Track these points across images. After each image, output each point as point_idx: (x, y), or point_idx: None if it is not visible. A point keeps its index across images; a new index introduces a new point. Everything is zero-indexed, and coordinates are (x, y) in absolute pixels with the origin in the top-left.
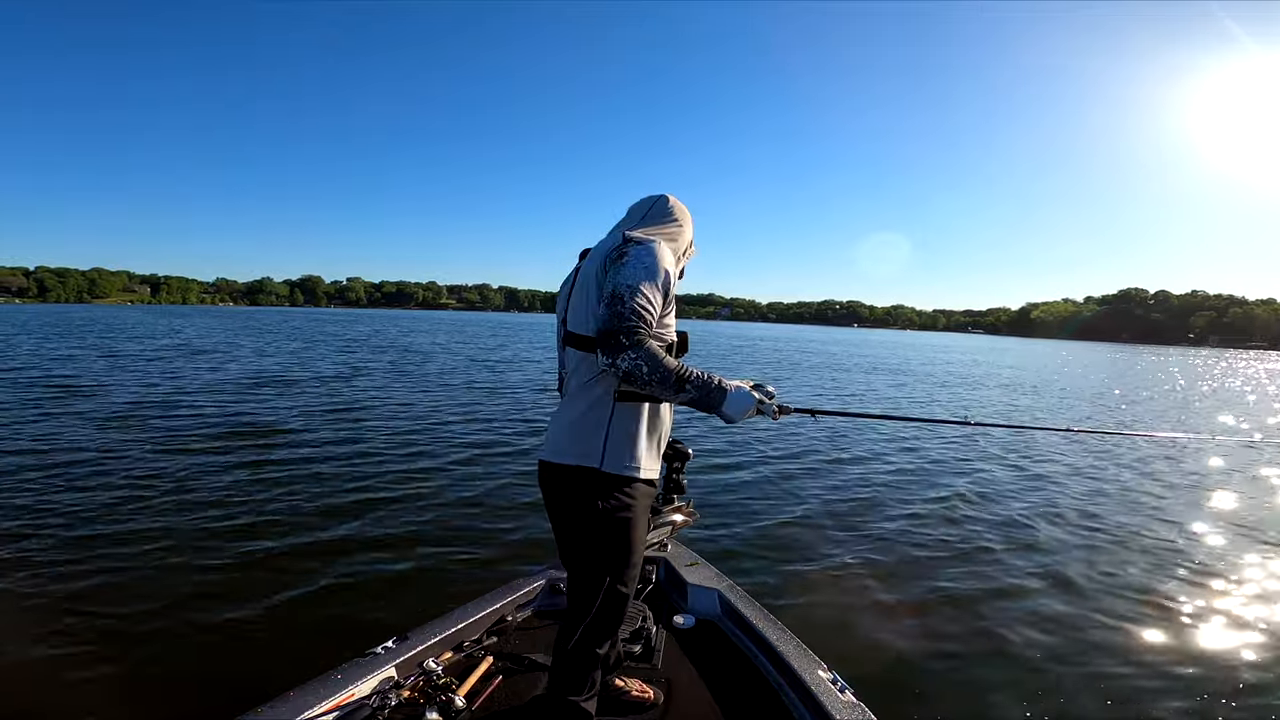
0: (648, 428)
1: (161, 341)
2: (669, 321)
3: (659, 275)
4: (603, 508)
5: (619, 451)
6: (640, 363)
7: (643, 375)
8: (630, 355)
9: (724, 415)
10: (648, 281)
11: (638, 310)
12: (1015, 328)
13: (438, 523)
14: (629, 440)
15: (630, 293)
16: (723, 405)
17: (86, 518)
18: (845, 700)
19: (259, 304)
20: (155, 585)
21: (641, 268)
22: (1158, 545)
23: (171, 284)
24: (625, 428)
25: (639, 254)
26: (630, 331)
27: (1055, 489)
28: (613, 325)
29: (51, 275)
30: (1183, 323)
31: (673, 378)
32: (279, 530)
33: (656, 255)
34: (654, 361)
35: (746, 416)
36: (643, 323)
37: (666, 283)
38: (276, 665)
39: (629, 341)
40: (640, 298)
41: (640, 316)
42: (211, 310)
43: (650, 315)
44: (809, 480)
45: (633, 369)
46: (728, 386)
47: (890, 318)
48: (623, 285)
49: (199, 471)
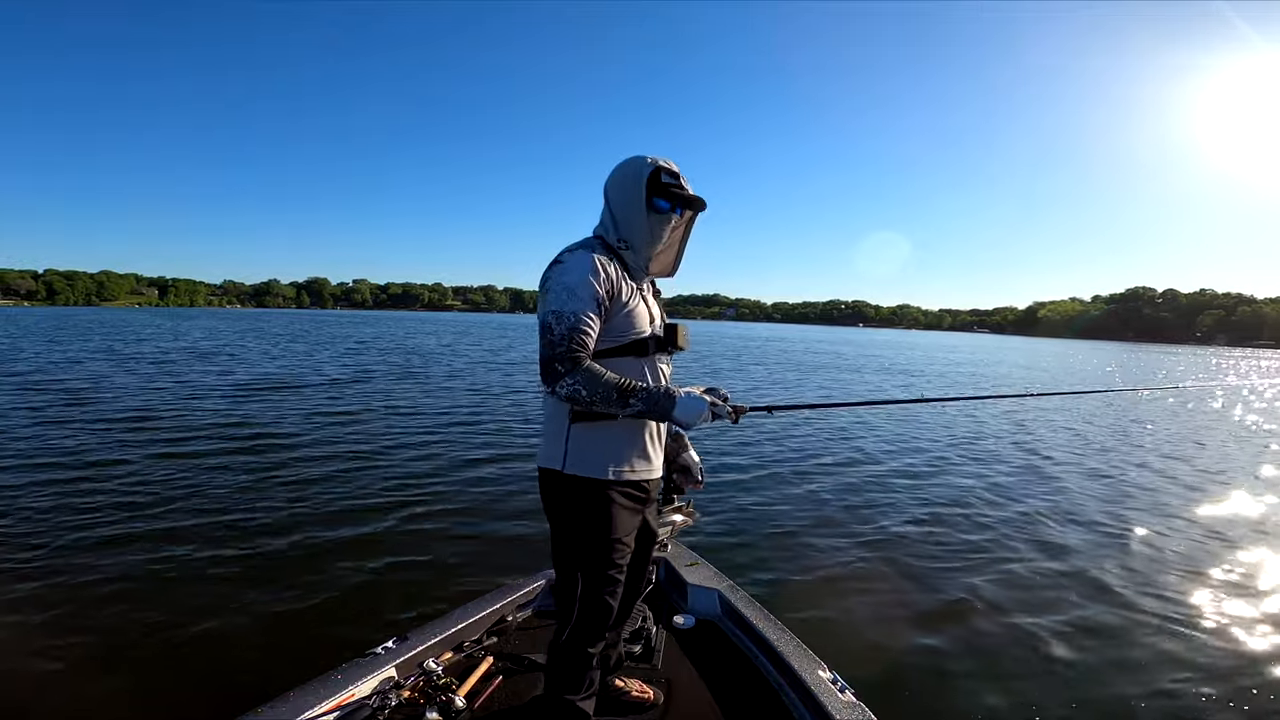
0: (623, 430)
1: (166, 344)
2: (630, 322)
3: (582, 288)
4: (565, 509)
5: (581, 454)
6: (578, 387)
7: (583, 398)
8: (567, 382)
9: (677, 422)
10: (572, 302)
11: (566, 335)
12: (1022, 327)
13: (438, 523)
14: (593, 443)
15: (556, 319)
16: (673, 412)
17: (87, 518)
18: (845, 700)
19: (266, 306)
20: (155, 586)
21: (562, 290)
22: (1164, 545)
23: (179, 286)
24: (588, 431)
25: (557, 275)
26: (563, 358)
27: (1057, 489)
28: (546, 354)
29: (60, 278)
30: (1190, 321)
31: (614, 394)
32: (279, 531)
33: (574, 269)
34: (592, 383)
35: (703, 420)
36: (575, 346)
37: (592, 291)
38: (276, 665)
39: (564, 368)
40: (565, 323)
41: (571, 340)
42: (219, 312)
43: (583, 334)
44: (809, 480)
45: (572, 393)
46: (676, 394)
47: (896, 317)
48: (548, 314)
49: (200, 472)
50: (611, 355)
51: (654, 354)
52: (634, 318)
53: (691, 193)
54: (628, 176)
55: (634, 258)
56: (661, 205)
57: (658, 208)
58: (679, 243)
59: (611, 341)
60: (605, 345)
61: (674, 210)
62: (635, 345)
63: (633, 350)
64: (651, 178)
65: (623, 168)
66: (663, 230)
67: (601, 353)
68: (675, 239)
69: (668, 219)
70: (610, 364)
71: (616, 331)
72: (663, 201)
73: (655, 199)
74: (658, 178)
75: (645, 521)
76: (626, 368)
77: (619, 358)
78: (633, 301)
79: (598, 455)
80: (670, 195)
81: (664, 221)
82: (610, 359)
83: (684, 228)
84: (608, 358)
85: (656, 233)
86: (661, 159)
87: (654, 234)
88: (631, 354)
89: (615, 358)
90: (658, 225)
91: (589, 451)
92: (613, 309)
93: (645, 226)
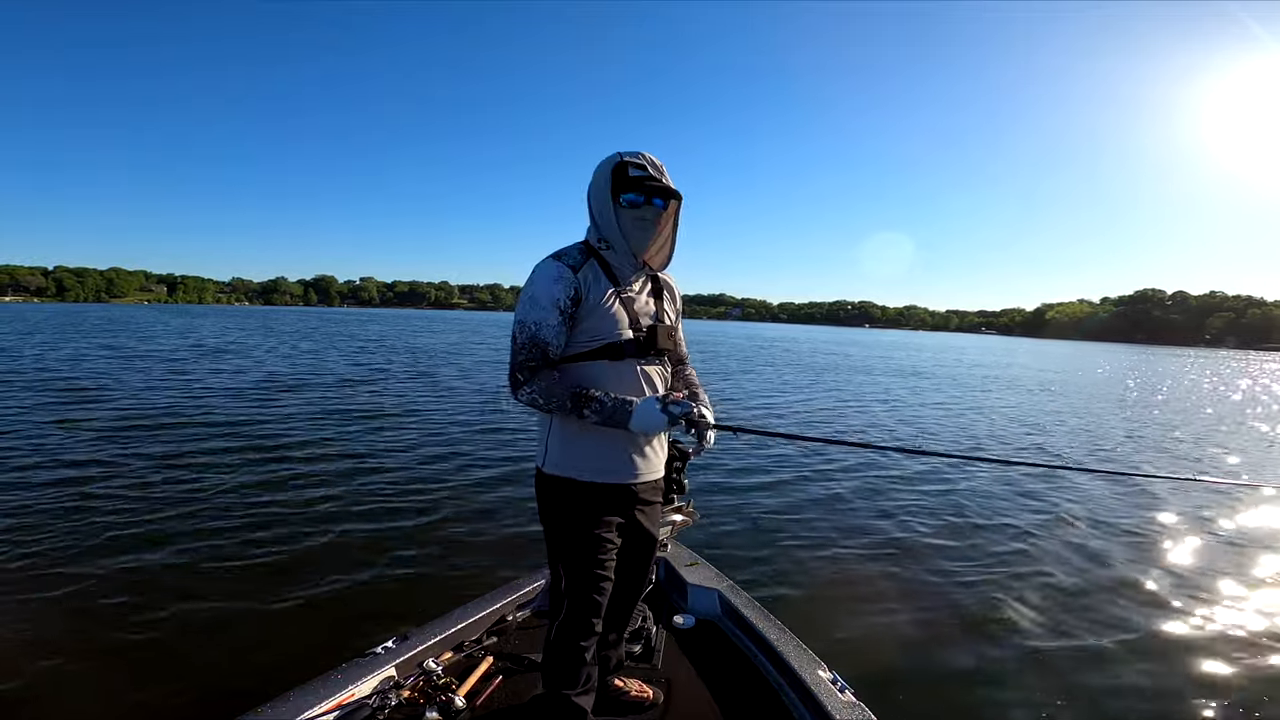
0: (603, 433)
1: (174, 342)
2: (602, 326)
3: (544, 297)
4: (545, 506)
5: (560, 454)
6: (536, 395)
7: (540, 405)
8: (526, 390)
9: (637, 432)
10: (534, 311)
11: (526, 345)
12: (1029, 329)
13: (438, 523)
14: (572, 445)
15: (519, 328)
16: (629, 423)
17: (87, 518)
18: (845, 700)
19: (273, 304)
20: (156, 585)
21: (527, 300)
22: (1165, 546)
23: (188, 283)
24: (567, 431)
25: (526, 285)
26: (522, 367)
27: (1055, 491)
28: (510, 364)
29: (70, 275)
30: (1199, 323)
31: (569, 404)
32: (280, 530)
33: (538, 279)
34: (548, 392)
35: (662, 429)
36: (533, 357)
37: (553, 299)
38: (276, 665)
39: (523, 378)
40: (525, 332)
41: (530, 351)
42: (227, 310)
43: (541, 346)
44: (810, 481)
45: (531, 401)
46: (634, 406)
47: (903, 318)
48: (514, 323)
49: (200, 473)
50: (582, 360)
51: (632, 357)
52: (607, 320)
53: (665, 183)
54: (599, 175)
55: (616, 257)
56: (631, 199)
57: (630, 202)
58: (669, 235)
59: (583, 345)
60: (576, 350)
61: (649, 202)
62: (608, 349)
63: (606, 354)
64: (617, 172)
65: (597, 167)
66: (639, 225)
67: (572, 357)
68: (666, 232)
69: (642, 213)
70: (581, 369)
71: (587, 335)
72: (631, 195)
73: (624, 193)
74: (624, 172)
75: (640, 523)
76: (598, 372)
77: (590, 362)
78: (607, 304)
79: (576, 456)
80: (641, 188)
81: (639, 215)
82: (581, 364)
83: (670, 220)
84: (578, 362)
85: (633, 228)
86: (631, 153)
87: (631, 229)
88: (605, 358)
89: (586, 362)
90: (632, 220)
91: (568, 452)
92: (580, 312)
93: (621, 222)
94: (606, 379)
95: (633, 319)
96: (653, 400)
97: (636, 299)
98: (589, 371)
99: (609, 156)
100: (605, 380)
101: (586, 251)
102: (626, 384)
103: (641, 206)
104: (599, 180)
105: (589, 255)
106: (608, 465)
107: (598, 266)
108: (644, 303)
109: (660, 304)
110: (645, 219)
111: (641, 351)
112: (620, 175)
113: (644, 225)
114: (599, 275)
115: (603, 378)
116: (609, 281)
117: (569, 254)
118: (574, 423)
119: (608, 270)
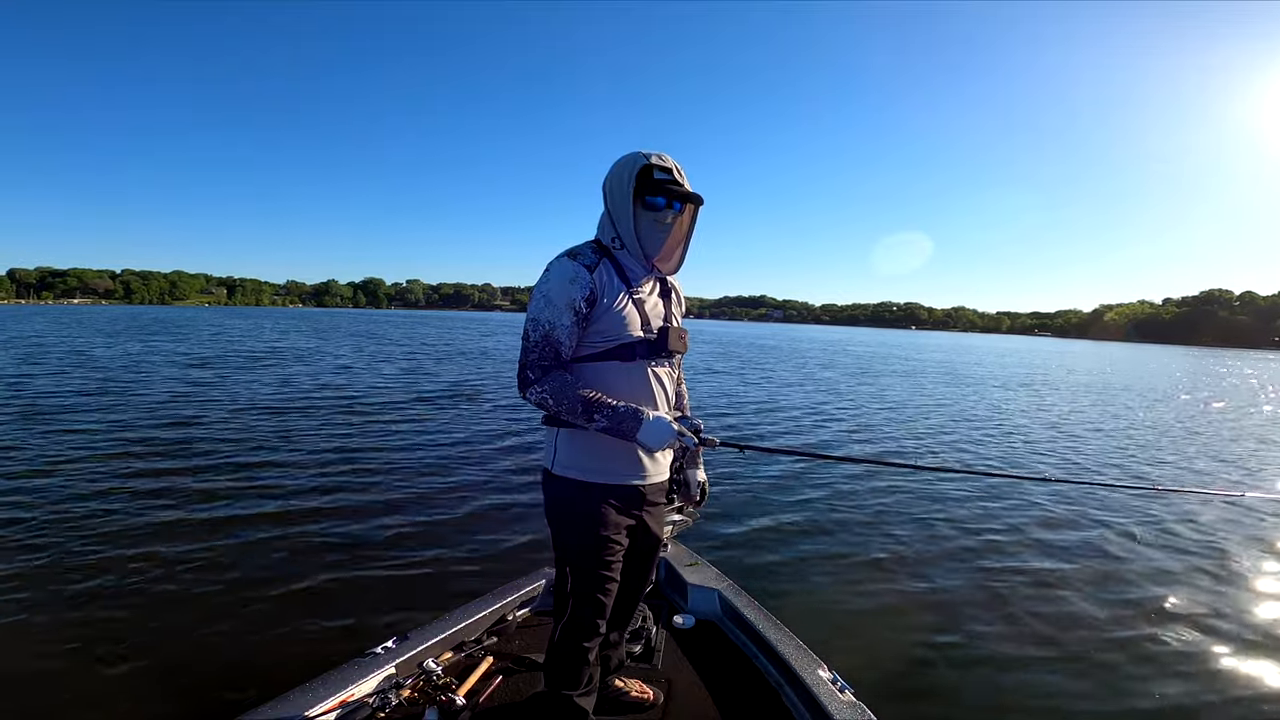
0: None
1: (206, 345)
2: (615, 325)
3: (558, 296)
4: (552, 507)
5: (567, 456)
6: (545, 395)
7: (550, 406)
8: (536, 389)
9: (641, 444)
10: (547, 310)
11: (538, 344)
12: (1085, 330)
13: (439, 523)
14: (579, 446)
15: (532, 326)
16: (637, 434)
17: (87, 518)
18: (845, 700)
19: (325, 305)
20: (156, 585)
21: (540, 298)
22: (1168, 545)
23: (246, 286)
24: (575, 432)
25: (539, 283)
26: (534, 365)
27: (1056, 491)
28: (520, 361)
29: (136, 278)
30: (1268, 325)
31: (579, 407)
32: (280, 530)
33: (553, 277)
34: (559, 394)
35: (667, 446)
36: (545, 356)
37: (567, 298)
38: (276, 665)
39: (534, 376)
40: (538, 330)
41: (542, 350)
42: (283, 312)
43: (554, 345)
44: (810, 481)
45: (540, 401)
46: (644, 417)
47: (950, 320)
48: (527, 321)
49: (201, 473)
50: (595, 360)
51: (644, 359)
52: (619, 321)
53: (687, 189)
54: (620, 173)
55: (629, 257)
56: (655, 202)
57: (651, 204)
58: (684, 239)
59: (595, 346)
60: (588, 350)
61: (670, 206)
62: (620, 350)
63: (618, 355)
64: (642, 173)
65: (617, 165)
66: (657, 228)
67: (584, 358)
68: (680, 235)
69: (663, 215)
70: (593, 369)
71: (600, 336)
72: (656, 198)
73: (648, 196)
74: (649, 174)
75: (646, 524)
76: (610, 373)
77: (602, 362)
78: (620, 304)
79: (583, 458)
80: (664, 191)
81: (658, 219)
82: (593, 364)
83: (687, 224)
84: (591, 362)
85: (651, 229)
86: (655, 154)
87: (647, 232)
88: (616, 359)
89: (598, 362)
90: (651, 222)
91: (575, 454)
92: (594, 313)
93: (638, 223)
94: (617, 379)
95: (644, 320)
96: (660, 417)
97: (647, 300)
98: (600, 371)
99: (631, 155)
100: (616, 380)
101: (600, 250)
102: (637, 384)
103: (662, 210)
104: (621, 179)
105: (602, 255)
106: (616, 466)
107: (611, 267)
108: (654, 304)
109: (669, 305)
110: (664, 223)
111: (653, 353)
112: (645, 177)
113: (662, 229)
114: (613, 276)
115: (614, 378)
116: (622, 282)
117: (583, 253)
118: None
119: (620, 270)
